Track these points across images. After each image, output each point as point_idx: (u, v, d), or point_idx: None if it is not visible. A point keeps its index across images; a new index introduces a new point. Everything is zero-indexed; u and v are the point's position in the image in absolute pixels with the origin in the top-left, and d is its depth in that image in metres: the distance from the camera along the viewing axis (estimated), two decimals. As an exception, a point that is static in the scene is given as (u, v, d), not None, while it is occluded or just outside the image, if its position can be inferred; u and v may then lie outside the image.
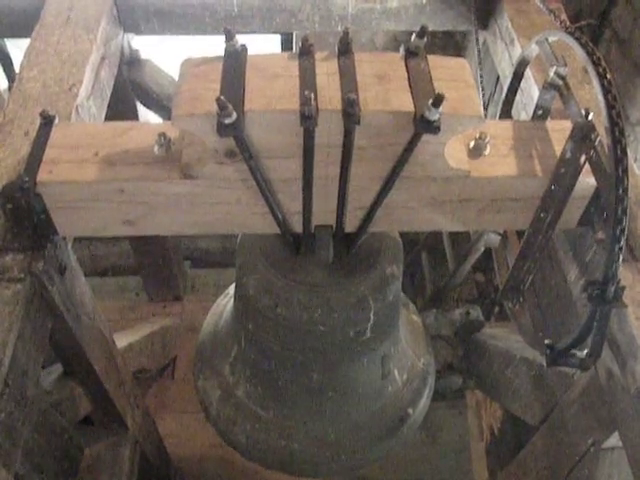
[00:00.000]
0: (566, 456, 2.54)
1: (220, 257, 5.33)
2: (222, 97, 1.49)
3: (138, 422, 3.22)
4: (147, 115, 3.94)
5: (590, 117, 1.83)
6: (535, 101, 2.10)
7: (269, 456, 2.54)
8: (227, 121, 1.53)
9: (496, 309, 4.68)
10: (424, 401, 2.66)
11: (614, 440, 2.25)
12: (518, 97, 2.47)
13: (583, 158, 1.80)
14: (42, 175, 1.81)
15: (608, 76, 1.63)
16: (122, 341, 3.27)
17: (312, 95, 1.53)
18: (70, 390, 2.66)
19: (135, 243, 4.66)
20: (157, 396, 4.58)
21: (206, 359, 2.64)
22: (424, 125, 1.57)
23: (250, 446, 2.52)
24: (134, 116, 3.70)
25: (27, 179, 1.79)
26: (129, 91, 3.54)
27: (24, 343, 1.93)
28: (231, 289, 2.67)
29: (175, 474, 4.12)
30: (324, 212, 1.89)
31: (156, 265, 4.82)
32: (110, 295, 5.27)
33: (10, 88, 2.51)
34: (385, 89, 1.64)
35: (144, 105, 3.72)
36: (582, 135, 1.81)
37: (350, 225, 1.96)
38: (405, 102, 1.62)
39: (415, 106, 1.61)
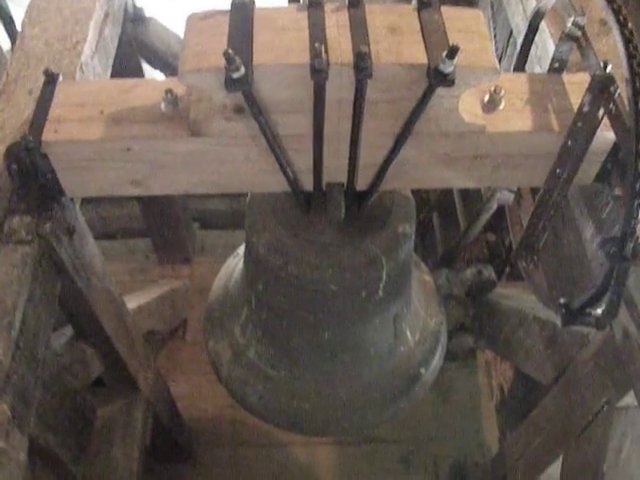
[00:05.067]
0: (579, 415, 2.54)
1: (229, 218, 5.29)
2: (230, 50, 1.45)
3: (150, 383, 3.23)
4: (153, 75, 3.88)
5: (609, 69, 1.77)
6: (550, 55, 2.04)
7: (281, 416, 2.54)
8: (235, 75, 1.49)
9: (507, 269, 4.65)
10: (436, 361, 2.65)
11: (629, 399, 2.24)
12: (532, 51, 2.40)
13: (601, 112, 1.75)
14: (47, 135, 1.78)
15: (629, 25, 1.57)
16: (132, 303, 3.26)
17: (322, 48, 1.48)
18: (81, 352, 2.66)
19: (143, 205, 4.63)
20: (168, 358, 4.60)
21: (216, 320, 2.63)
22: (438, 78, 1.53)
23: (262, 406, 2.52)
24: (140, 76, 3.64)
25: (32, 139, 1.75)
26: (134, 50, 3.48)
27: (34, 305, 1.93)
28: (241, 249, 2.64)
29: (188, 435, 4.16)
30: (335, 169, 1.86)
31: (165, 227, 4.80)
32: (119, 258, 5.25)
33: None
34: (397, 41, 1.60)
35: (149, 64, 3.67)
36: (601, 88, 1.75)
37: (362, 183, 1.92)
38: (418, 54, 1.58)
39: (429, 58, 1.56)
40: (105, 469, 2.97)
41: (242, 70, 1.49)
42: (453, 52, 1.47)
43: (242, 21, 1.62)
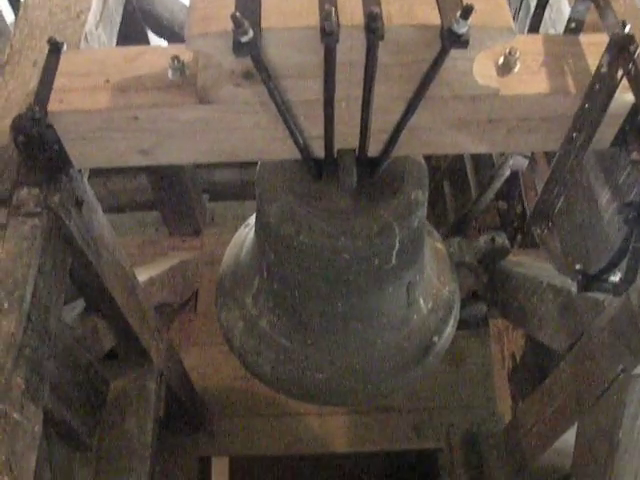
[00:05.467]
0: (594, 383, 2.52)
1: (239, 189, 5.27)
2: (237, 13, 1.41)
3: (162, 355, 3.24)
4: (159, 44, 3.83)
5: (628, 28, 1.72)
6: (565, 17, 1.99)
7: (294, 386, 2.53)
8: (243, 39, 1.45)
9: (519, 237, 4.63)
10: (449, 329, 2.63)
11: (645, 366, 2.22)
12: (546, 14, 2.35)
13: (620, 73, 1.70)
14: (53, 105, 1.75)
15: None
16: (142, 276, 3.25)
17: (332, 9, 1.44)
18: (93, 325, 2.66)
19: (152, 177, 4.62)
20: (180, 330, 4.61)
21: (228, 291, 2.62)
22: (452, 39, 1.49)
23: (275, 377, 2.52)
24: (146, 45, 3.60)
25: (38, 109, 1.73)
26: (139, 19, 3.43)
27: (45, 278, 1.93)
28: (252, 219, 2.62)
29: (201, 406, 4.17)
30: (346, 136, 1.82)
31: (174, 199, 4.79)
32: (129, 231, 5.24)
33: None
34: (410, 2, 1.56)
35: (155, 33, 3.63)
36: (619, 48, 1.70)
37: (373, 149, 1.88)
38: (431, 15, 1.54)
39: (442, 19, 1.52)
40: (119, 441, 2.99)
41: (250, 33, 1.45)
42: (467, 12, 1.43)
43: (250, -17, 1.58)
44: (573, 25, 1.94)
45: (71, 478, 2.57)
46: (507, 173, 3.65)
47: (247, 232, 2.67)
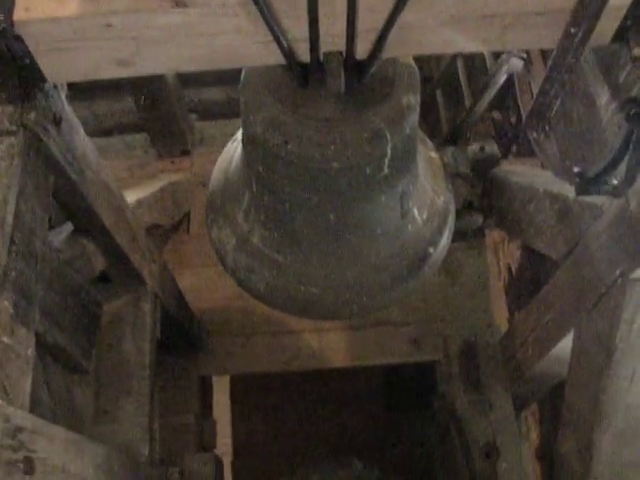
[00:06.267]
0: (591, 289, 2.50)
1: (227, 107, 5.15)
2: None
3: (156, 277, 3.21)
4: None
5: None
6: None
7: (289, 302, 2.51)
8: None
9: (514, 147, 4.56)
10: (444, 240, 2.59)
11: (644, 270, 2.19)
12: None
13: (621, -41, 1.61)
14: (18, 14, 1.65)
15: None
16: (131, 197, 3.19)
17: None
18: (82, 247, 2.61)
19: (137, 98, 4.49)
20: (174, 253, 4.57)
21: (218, 208, 2.57)
22: None
23: (269, 293, 2.49)
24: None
25: (3, 19, 1.63)
26: None
27: (26, 199, 1.89)
28: (239, 134, 2.54)
29: (198, 326, 4.18)
30: (332, 37, 1.73)
31: (161, 120, 4.68)
32: (117, 154, 5.13)
33: None
34: None
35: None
36: None
37: (361, 51, 1.80)
38: None
39: None
40: (117, 363, 2.99)
41: None
42: None
43: None
44: None
45: (70, 401, 2.57)
46: (502, 80, 3.54)
47: (235, 147, 2.60)
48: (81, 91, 5.27)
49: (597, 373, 2.50)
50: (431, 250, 2.52)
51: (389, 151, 2.04)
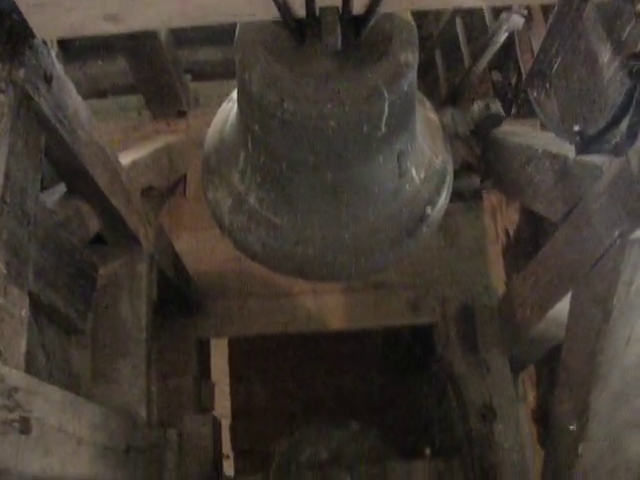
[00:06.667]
0: (590, 250, 2.49)
1: (223, 68, 5.07)
2: None
3: (152, 239, 3.18)
4: None
5: None
6: None
7: (286, 263, 2.49)
8: None
9: (513, 109, 4.52)
10: (442, 200, 2.56)
11: (642, 231, 2.17)
12: None
13: None
14: None
15: None
16: (126, 159, 3.15)
17: None
18: (76, 208, 2.59)
19: (131, 58, 4.42)
20: (170, 216, 4.53)
21: (214, 168, 2.53)
22: None
23: (266, 254, 2.47)
24: None
25: None
26: None
27: (17, 159, 1.86)
28: (235, 93, 2.49)
29: (195, 289, 4.17)
30: (329, -10, 1.69)
31: (156, 80, 4.59)
32: (111, 116, 5.06)
33: None
34: None
35: None
36: None
37: (358, 5, 1.76)
38: None
39: None
40: (114, 326, 2.99)
41: None
42: None
43: None
44: None
45: (67, 362, 2.56)
46: (502, 39, 3.49)
47: (230, 107, 2.55)
48: (74, 52, 5.21)
49: (594, 334, 2.49)
50: (429, 210, 2.49)
51: (387, 109, 2.00)
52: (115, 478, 2.36)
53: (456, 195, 2.88)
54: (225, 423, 5.68)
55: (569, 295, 2.77)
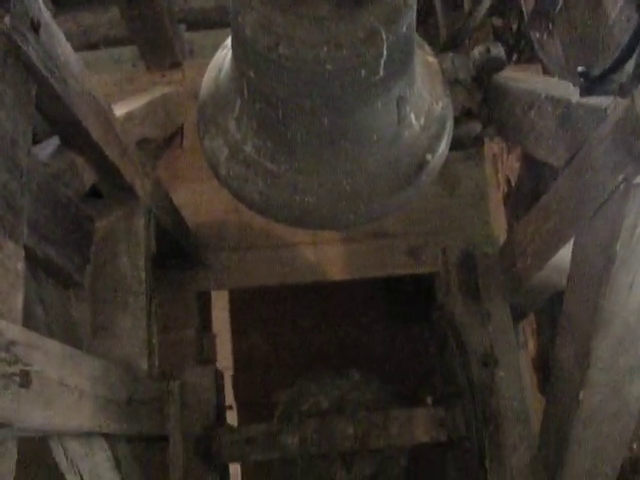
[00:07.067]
0: (593, 195, 2.45)
1: (217, 16, 4.98)
2: None
3: (149, 191, 3.15)
4: None
5: None
6: None
7: (285, 212, 2.45)
8: None
9: (515, 56, 4.44)
10: (443, 147, 2.52)
11: (647, 175, 2.13)
12: None
13: None
14: None
15: None
16: (121, 110, 3.09)
17: None
18: (70, 161, 2.54)
19: (123, 8, 4.32)
20: (168, 168, 4.47)
21: (209, 117, 2.48)
22: None
23: (264, 203, 2.43)
24: None
25: None
26: None
27: (7, 110, 1.82)
28: (229, 40, 2.43)
29: (194, 241, 4.15)
30: None
31: (149, 31, 4.49)
32: (105, 68, 4.98)
33: None
34: None
35: None
36: None
37: (355, -58, 1.69)
38: None
39: None
40: (113, 279, 2.98)
41: None
42: None
43: None
44: None
45: (66, 317, 2.55)
46: (503, -19, 3.40)
47: (225, 53, 2.49)
48: (65, 3, 5.10)
49: (597, 281, 2.47)
50: (429, 157, 2.45)
51: (385, 52, 1.94)
52: (117, 430, 2.37)
53: (456, 142, 2.83)
54: (227, 375, 5.73)
55: (571, 242, 2.74)
